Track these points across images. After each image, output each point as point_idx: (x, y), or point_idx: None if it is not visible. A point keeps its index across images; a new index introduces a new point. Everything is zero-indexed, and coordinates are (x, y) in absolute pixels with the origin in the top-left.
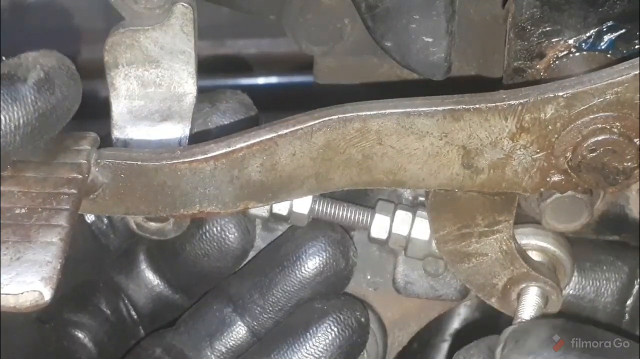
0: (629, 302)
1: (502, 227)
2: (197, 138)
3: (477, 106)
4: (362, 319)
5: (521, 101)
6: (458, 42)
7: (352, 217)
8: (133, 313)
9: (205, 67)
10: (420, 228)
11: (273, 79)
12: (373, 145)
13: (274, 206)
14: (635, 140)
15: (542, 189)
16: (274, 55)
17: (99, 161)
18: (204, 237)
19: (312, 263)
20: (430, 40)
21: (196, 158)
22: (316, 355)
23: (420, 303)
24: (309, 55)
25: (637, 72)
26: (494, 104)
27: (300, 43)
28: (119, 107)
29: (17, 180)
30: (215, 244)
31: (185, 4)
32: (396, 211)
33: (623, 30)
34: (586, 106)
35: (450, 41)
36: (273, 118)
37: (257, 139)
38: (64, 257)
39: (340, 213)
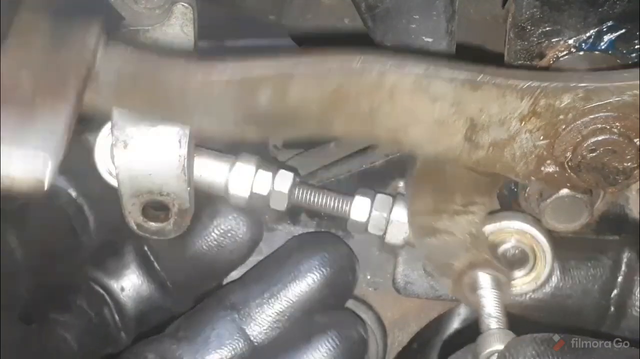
0: (613, 293)
1: (476, 209)
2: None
3: (498, 80)
4: (363, 334)
5: (543, 84)
6: (458, 42)
7: (332, 204)
8: (117, 316)
9: None
10: (401, 211)
11: None
12: (383, 100)
13: (254, 185)
14: (635, 140)
15: (533, 178)
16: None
17: (108, 48)
18: (216, 230)
19: (319, 274)
20: (430, 40)
21: (210, 77)
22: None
23: (420, 303)
24: None
25: None
26: (514, 82)
27: (300, 43)
28: None
29: (27, 51)
30: (229, 235)
31: (185, 4)
32: (376, 195)
33: (623, 30)
34: (602, 102)
35: (450, 41)
36: None
37: (275, 69)
38: (67, 141)
39: (321, 200)
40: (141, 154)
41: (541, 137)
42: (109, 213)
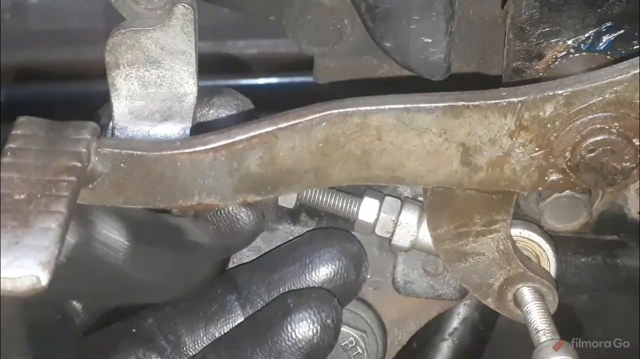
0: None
1: (499, 227)
2: (193, 131)
3: (477, 102)
4: (328, 321)
5: (521, 98)
6: (457, 43)
7: (341, 204)
8: None
9: (206, 67)
10: (409, 214)
11: (273, 80)
12: (372, 140)
13: None
14: (634, 140)
15: (540, 188)
16: (274, 56)
17: (99, 149)
18: (218, 214)
19: (324, 269)
20: (429, 41)
21: (196, 149)
22: (275, 356)
23: (420, 302)
24: (309, 55)
25: (637, 71)
26: (493, 101)
27: (300, 44)
28: (120, 108)
29: (17, 167)
30: (228, 222)
31: (185, 5)
32: (385, 197)
33: (622, 31)
34: (585, 105)
35: (449, 42)
36: None
37: (257, 132)
38: (62, 243)
39: (330, 199)
40: None
41: (536, 149)
42: None
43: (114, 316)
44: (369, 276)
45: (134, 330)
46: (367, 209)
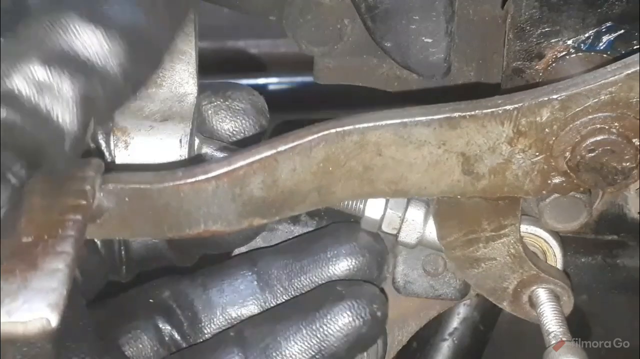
0: None
1: (508, 231)
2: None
3: (473, 112)
4: (378, 314)
5: (516, 105)
6: (457, 43)
7: (347, 201)
8: (123, 253)
9: (206, 67)
10: (415, 211)
11: (273, 79)
12: (373, 156)
13: None
14: (634, 140)
15: (544, 192)
16: (274, 56)
17: (103, 186)
18: None
19: (346, 263)
20: (429, 41)
21: (198, 178)
22: (320, 337)
23: (420, 302)
24: (309, 55)
25: (629, 71)
26: (489, 110)
27: (300, 44)
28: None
29: (24, 208)
30: None
31: None
32: None
33: (622, 31)
34: (581, 107)
35: (449, 42)
36: (273, 118)
37: (257, 157)
38: (70, 284)
39: None
40: (142, 154)
41: (536, 154)
42: None
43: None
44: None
45: (150, 300)
46: (374, 206)
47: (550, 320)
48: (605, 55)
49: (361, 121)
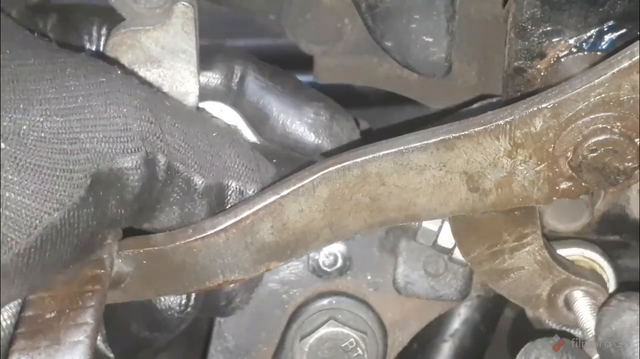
0: None
1: (531, 240)
2: None
3: (466, 132)
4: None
5: (507, 119)
6: (458, 42)
7: None
8: None
9: None
10: None
11: None
12: (377, 187)
13: None
14: (636, 140)
15: (555, 198)
16: (274, 55)
17: (119, 252)
18: None
19: None
20: (430, 40)
21: (207, 233)
22: None
23: (421, 303)
24: (309, 54)
25: (615, 70)
26: (481, 127)
27: (300, 42)
28: None
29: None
30: None
31: (185, 3)
32: None
33: (624, 30)
34: (573, 112)
35: (450, 41)
36: None
37: (262, 204)
38: (91, 353)
39: None
40: None
41: (538, 163)
42: None
43: None
44: (361, 275)
45: None
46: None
47: (587, 317)
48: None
49: (359, 154)
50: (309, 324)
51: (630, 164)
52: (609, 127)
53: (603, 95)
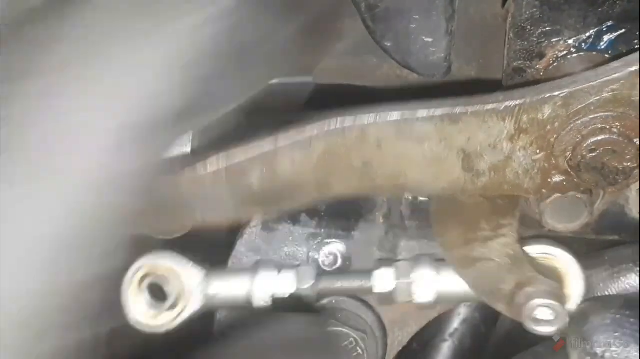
0: None
1: (506, 231)
2: None
3: (475, 108)
4: None
5: (518, 101)
6: (458, 42)
7: (355, 284)
8: None
9: None
10: (424, 271)
11: (273, 79)
12: (373, 151)
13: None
14: (635, 140)
15: (544, 191)
16: None
17: None
18: None
19: None
20: (430, 40)
21: (196, 170)
22: None
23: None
24: None
25: (632, 69)
26: (491, 106)
27: None
28: None
29: None
30: None
31: None
32: (396, 263)
33: (623, 30)
34: (583, 105)
35: (450, 41)
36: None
37: (258, 152)
38: None
39: (343, 284)
40: None
41: (537, 151)
42: None
43: None
44: None
45: None
46: (382, 280)
47: (547, 317)
48: (606, 55)
49: (362, 116)
50: None
51: (629, 163)
52: (608, 127)
53: (616, 92)
